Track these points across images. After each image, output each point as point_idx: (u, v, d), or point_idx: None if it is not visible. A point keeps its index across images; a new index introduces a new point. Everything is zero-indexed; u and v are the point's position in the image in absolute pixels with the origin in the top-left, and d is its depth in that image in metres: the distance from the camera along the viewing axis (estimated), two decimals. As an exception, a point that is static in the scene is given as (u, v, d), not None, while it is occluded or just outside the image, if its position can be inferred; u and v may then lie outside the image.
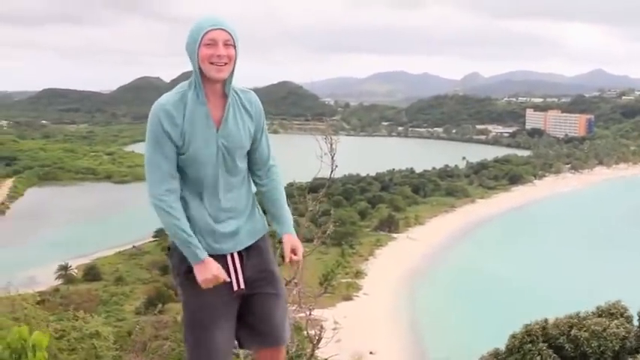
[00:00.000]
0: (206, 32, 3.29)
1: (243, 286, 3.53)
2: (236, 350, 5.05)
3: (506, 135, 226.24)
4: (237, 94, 3.49)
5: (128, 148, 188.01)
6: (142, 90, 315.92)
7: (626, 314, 8.85)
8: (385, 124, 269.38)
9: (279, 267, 3.85)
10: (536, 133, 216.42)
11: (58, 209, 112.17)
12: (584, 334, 7.51)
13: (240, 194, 3.57)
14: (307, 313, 7.23)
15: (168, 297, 59.09)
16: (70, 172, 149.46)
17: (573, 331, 7.60)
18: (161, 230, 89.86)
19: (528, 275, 73.25)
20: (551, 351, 8.45)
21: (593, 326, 7.52)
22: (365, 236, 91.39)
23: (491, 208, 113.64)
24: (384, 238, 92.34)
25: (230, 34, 3.32)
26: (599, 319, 7.67)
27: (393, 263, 79.30)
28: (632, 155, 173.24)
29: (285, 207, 3.76)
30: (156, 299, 54.05)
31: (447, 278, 73.91)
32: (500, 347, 7.97)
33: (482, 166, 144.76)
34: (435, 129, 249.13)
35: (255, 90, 3.64)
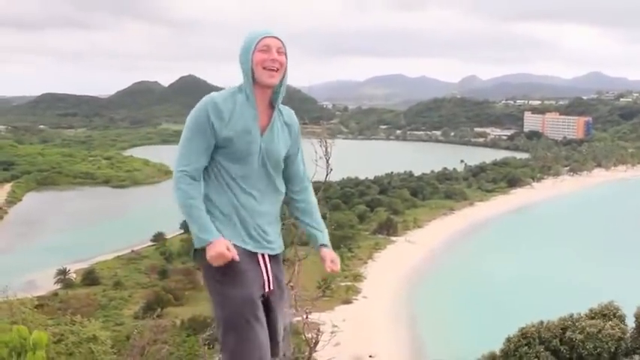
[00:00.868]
0: (261, 39, 3.50)
1: (272, 288, 3.66)
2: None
3: (504, 138, 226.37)
4: (279, 109, 3.67)
5: (126, 153, 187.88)
6: (140, 94, 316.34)
7: (618, 314, 8.85)
8: (383, 127, 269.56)
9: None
10: (534, 135, 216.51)
11: (57, 214, 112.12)
12: (579, 336, 7.53)
13: (273, 203, 3.71)
14: (304, 317, 7.26)
15: (167, 301, 59.24)
16: (68, 177, 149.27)
17: (568, 333, 7.62)
18: (159, 235, 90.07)
19: (527, 278, 73.21)
20: (548, 353, 8.46)
21: (588, 328, 7.54)
22: (364, 239, 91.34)
23: (490, 210, 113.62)
24: (383, 241, 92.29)
25: (282, 43, 3.53)
26: (594, 320, 7.69)
27: (391, 266, 79.27)
28: (630, 157, 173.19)
29: (322, 221, 3.94)
30: (154, 303, 53.93)
31: (445, 281, 73.87)
32: (497, 350, 7.98)
33: (480, 168, 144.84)
34: (433, 132, 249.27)
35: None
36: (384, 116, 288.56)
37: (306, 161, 3.94)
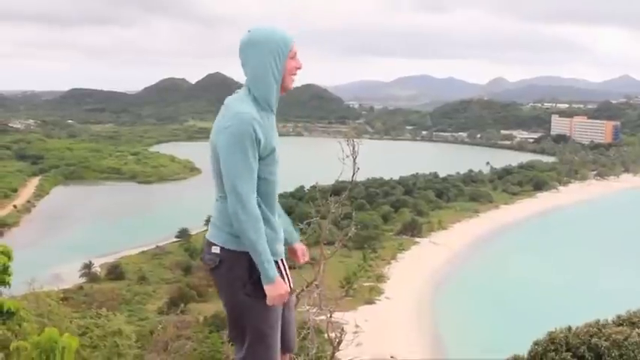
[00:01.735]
0: (292, 45, 3.39)
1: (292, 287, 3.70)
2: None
3: (530, 141, 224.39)
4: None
5: (153, 149, 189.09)
6: (167, 91, 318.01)
7: (646, 322, 8.75)
8: (409, 128, 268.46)
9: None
10: (561, 139, 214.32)
11: (83, 208, 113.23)
12: (605, 343, 7.41)
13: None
14: (328, 316, 7.27)
15: (190, 297, 59.62)
16: (95, 172, 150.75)
17: (594, 339, 7.51)
18: (184, 231, 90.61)
19: (552, 282, 72.63)
20: None
21: (614, 335, 7.43)
22: (387, 240, 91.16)
23: (516, 214, 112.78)
24: (407, 242, 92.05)
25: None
26: (620, 327, 7.58)
27: (415, 267, 79.04)
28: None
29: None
30: (178, 299, 54.45)
31: (469, 283, 73.55)
32: (520, 354, 7.89)
33: (506, 171, 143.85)
34: (460, 133, 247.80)
35: (281, 92, 3.71)
36: (410, 117, 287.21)
37: (330, 160, 3.97)
